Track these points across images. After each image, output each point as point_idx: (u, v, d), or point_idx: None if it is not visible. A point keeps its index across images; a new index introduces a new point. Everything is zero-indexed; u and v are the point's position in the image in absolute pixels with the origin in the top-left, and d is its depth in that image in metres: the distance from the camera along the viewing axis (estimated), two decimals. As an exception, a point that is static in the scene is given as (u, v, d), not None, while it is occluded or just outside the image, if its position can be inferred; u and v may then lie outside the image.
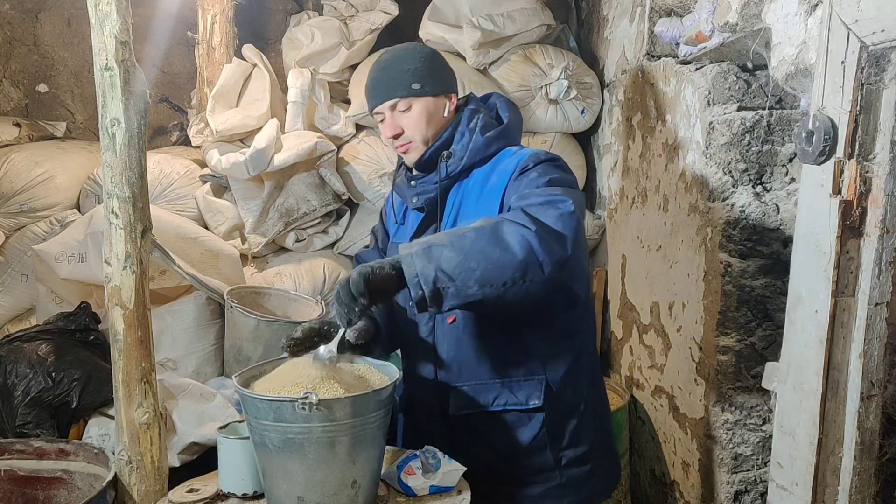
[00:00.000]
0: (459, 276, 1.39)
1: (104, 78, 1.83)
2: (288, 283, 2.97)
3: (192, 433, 2.22)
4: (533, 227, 1.41)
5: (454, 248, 1.40)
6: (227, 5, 3.27)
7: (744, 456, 2.00)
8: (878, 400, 1.44)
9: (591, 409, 1.72)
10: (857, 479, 1.45)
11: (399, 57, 1.74)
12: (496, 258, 1.39)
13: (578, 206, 1.51)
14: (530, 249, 1.40)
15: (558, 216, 1.45)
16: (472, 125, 1.72)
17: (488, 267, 1.39)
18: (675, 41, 2.33)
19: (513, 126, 1.76)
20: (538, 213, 1.46)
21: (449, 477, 1.54)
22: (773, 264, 1.94)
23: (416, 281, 1.39)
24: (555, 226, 1.44)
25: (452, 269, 1.39)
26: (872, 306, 1.41)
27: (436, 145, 1.72)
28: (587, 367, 1.73)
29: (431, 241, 1.44)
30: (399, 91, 1.70)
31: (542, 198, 1.50)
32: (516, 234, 1.41)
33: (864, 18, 1.32)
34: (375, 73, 1.75)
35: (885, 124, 1.36)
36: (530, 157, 1.63)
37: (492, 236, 1.41)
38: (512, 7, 3.12)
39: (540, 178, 1.57)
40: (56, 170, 3.08)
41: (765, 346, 1.97)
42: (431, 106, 1.71)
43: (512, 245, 1.40)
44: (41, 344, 2.41)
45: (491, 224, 1.44)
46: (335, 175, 3.06)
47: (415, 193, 1.74)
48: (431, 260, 1.40)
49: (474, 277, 1.39)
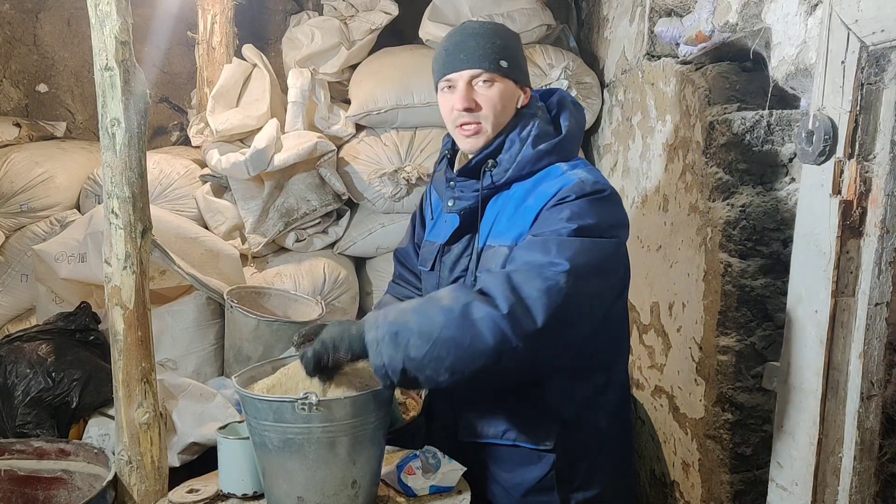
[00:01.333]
0: (429, 366, 1.33)
1: (104, 78, 1.83)
2: (288, 283, 2.97)
3: (192, 433, 2.22)
4: (505, 310, 1.32)
5: (422, 335, 1.33)
6: (227, 5, 3.27)
7: (744, 456, 2.00)
8: (878, 400, 1.44)
9: (609, 449, 1.61)
10: (857, 479, 1.45)
11: (491, 29, 1.59)
12: (466, 346, 1.32)
13: (588, 266, 1.38)
14: (502, 336, 1.31)
15: (543, 290, 1.33)
16: (524, 133, 1.56)
17: (459, 356, 1.32)
18: (675, 41, 2.33)
19: (571, 137, 1.59)
20: (522, 284, 1.35)
21: (449, 477, 1.54)
22: (773, 264, 1.94)
23: (384, 372, 1.35)
24: (534, 303, 1.33)
25: (420, 358, 1.32)
26: (872, 306, 1.41)
27: (485, 152, 1.57)
28: (610, 404, 1.61)
29: (398, 321, 1.35)
30: (486, 63, 1.53)
31: (544, 257, 1.37)
32: (487, 319, 1.32)
33: (864, 18, 1.32)
34: (460, 38, 1.57)
35: (885, 124, 1.36)
36: (574, 187, 1.47)
37: (461, 321, 1.32)
38: (512, 7, 3.12)
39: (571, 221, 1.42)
40: (56, 170, 3.08)
41: (765, 346, 1.97)
42: (510, 91, 1.56)
43: (482, 333, 1.31)
44: (41, 344, 2.41)
45: (461, 304, 1.34)
46: (335, 175, 3.06)
47: (452, 197, 1.62)
48: (398, 349, 1.33)
49: (444, 367, 1.33)
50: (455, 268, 1.63)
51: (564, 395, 1.56)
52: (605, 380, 1.60)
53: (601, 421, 1.59)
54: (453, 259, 1.64)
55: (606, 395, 1.60)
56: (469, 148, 1.60)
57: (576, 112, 1.63)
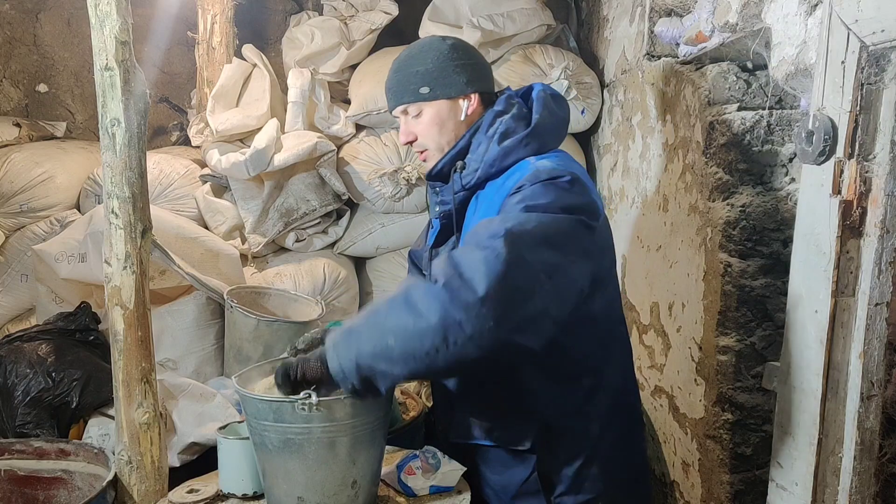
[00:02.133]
0: (381, 358, 1.28)
1: (104, 78, 1.83)
2: (288, 283, 2.97)
3: (192, 433, 2.22)
4: (441, 282, 1.26)
5: (370, 327, 1.31)
6: (227, 5, 3.27)
7: (744, 456, 2.00)
8: (878, 400, 1.44)
9: (601, 456, 1.56)
10: (857, 479, 1.45)
11: (411, 57, 1.61)
12: (411, 328, 1.26)
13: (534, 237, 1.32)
14: (442, 309, 1.25)
15: (481, 259, 1.27)
16: (491, 131, 1.55)
17: (405, 339, 1.27)
18: (675, 41, 2.33)
19: (541, 130, 1.55)
20: (460, 257, 1.30)
21: (449, 477, 1.54)
22: (773, 264, 1.94)
23: (342, 376, 1.32)
24: (472, 273, 1.25)
25: (371, 352, 1.29)
26: (872, 306, 1.41)
27: (449, 155, 1.59)
28: (602, 410, 1.56)
29: (352, 324, 1.35)
30: (407, 96, 1.59)
31: (486, 233, 1.32)
32: (425, 295, 1.27)
33: (864, 18, 1.32)
34: (389, 75, 1.64)
35: (885, 124, 1.36)
36: (529, 176, 1.45)
37: (404, 305, 1.29)
38: (512, 7, 3.11)
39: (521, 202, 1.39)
40: (56, 170, 3.08)
41: (765, 346, 1.97)
42: (445, 111, 1.58)
43: (422, 309, 1.26)
44: (41, 344, 2.41)
45: (403, 291, 1.32)
46: (335, 175, 3.06)
47: (436, 202, 1.64)
48: (350, 349, 1.31)
49: (395, 355, 1.28)
50: None
51: (549, 399, 1.53)
52: (593, 384, 1.55)
53: (591, 427, 1.55)
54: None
55: (596, 401, 1.55)
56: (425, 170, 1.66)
57: (552, 103, 1.59)
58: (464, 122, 1.59)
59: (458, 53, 1.60)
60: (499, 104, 1.59)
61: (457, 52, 1.60)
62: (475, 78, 1.60)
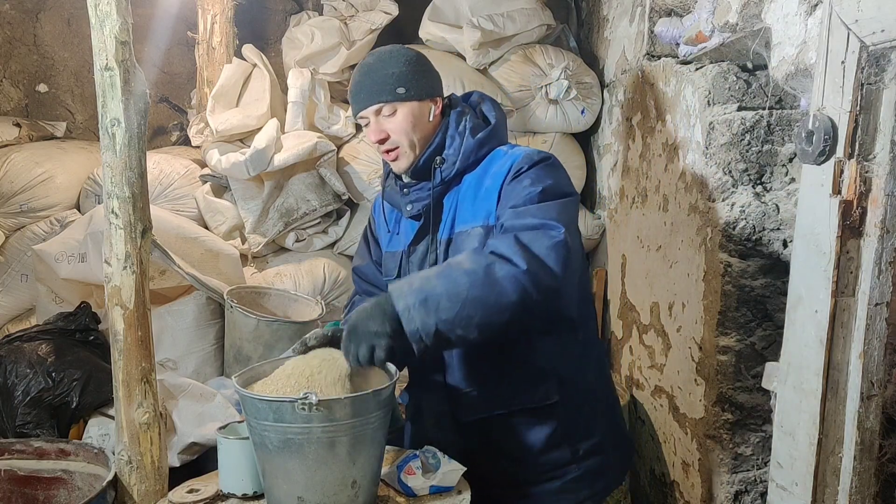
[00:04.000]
0: (460, 325, 1.41)
1: (104, 78, 1.83)
2: (288, 283, 2.97)
3: (192, 433, 2.22)
4: (524, 266, 1.43)
5: (450, 297, 1.41)
6: (227, 5, 3.27)
7: (744, 456, 2.00)
8: (878, 400, 1.44)
9: (600, 398, 1.75)
10: (857, 479, 1.45)
11: (384, 60, 1.70)
12: (492, 303, 1.42)
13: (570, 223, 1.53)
14: (524, 291, 1.42)
15: (551, 246, 1.46)
16: (461, 128, 1.70)
17: (486, 313, 1.42)
18: (675, 41, 2.33)
19: (500, 125, 1.75)
20: (531, 243, 1.46)
21: (449, 477, 1.54)
22: (773, 264, 1.94)
23: (419, 336, 1.42)
24: (547, 259, 1.45)
25: (452, 318, 1.41)
26: (872, 306, 1.41)
27: (429, 151, 1.70)
28: (594, 357, 1.76)
29: (425, 288, 1.43)
30: (383, 96, 1.67)
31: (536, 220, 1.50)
32: (509, 276, 1.42)
33: (864, 18, 1.32)
34: (359, 77, 1.72)
35: (885, 124, 1.36)
36: (524, 159, 1.62)
37: (486, 281, 1.42)
38: (512, 7, 3.12)
39: (534, 185, 1.57)
40: (56, 170, 3.08)
41: (765, 346, 1.97)
42: (416, 110, 1.68)
43: (506, 289, 1.42)
44: (41, 344, 2.41)
45: (483, 266, 1.44)
46: (335, 175, 3.06)
47: (409, 201, 1.72)
48: (430, 313, 1.41)
49: (474, 324, 1.42)
50: (423, 264, 1.71)
51: (558, 354, 1.66)
52: (584, 336, 1.72)
53: (589, 374, 1.72)
54: (420, 257, 1.73)
55: (589, 350, 1.74)
56: (398, 169, 1.73)
57: (496, 106, 1.78)
58: (431, 123, 1.71)
59: (424, 60, 1.74)
60: (458, 107, 1.74)
61: (422, 60, 1.74)
62: (438, 85, 1.75)
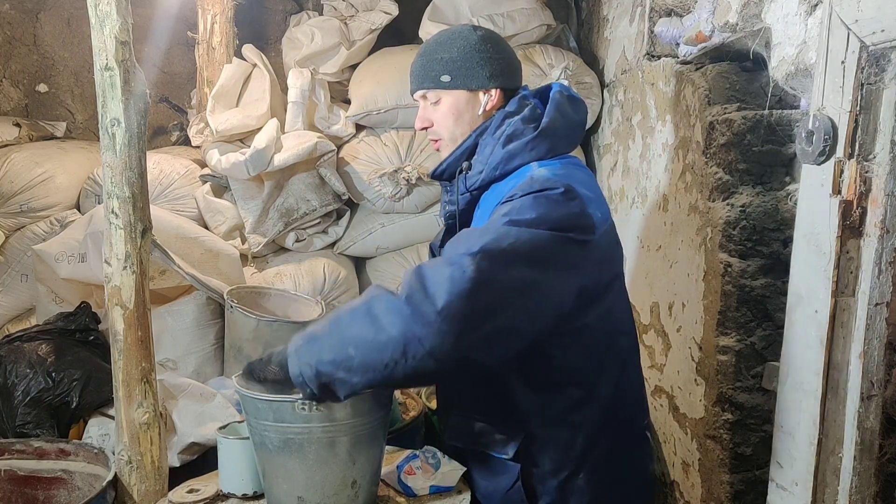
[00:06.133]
0: (340, 366, 1.29)
1: (104, 78, 1.83)
2: (288, 283, 2.97)
3: (192, 433, 2.22)
4: (404, 296, 1.27)
5: (332, 335, 1.31)
6: (227, 5, 3.27)
7: (744, 456, 2.00)
8: (878, 400, 1.44)
9: (590, 469, 1.51)
10: (857, 479, 1.45)
11: (440, 42, 1.58)
12: (371, 339, 1.27)
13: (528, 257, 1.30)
14: (402, 323, 1.25)
15: (447, 276, 1.26)
16: (498, 133, 1.52)
17: (365, 350, 1.27)
18: (675, 41, 2.33)
19: (548, 133, 1.51)
20: (428, 271, 1.29)
21: (449, 477, 1.54)
22: (773, 264, 1.94)
23: (301, 381, 1.33)
24: (434, 287, 1.25)
25: (331, 359, 1.29)
26: (872, 306, 1.41)
27: (455, 154, 1.56)
28: (589, 424, 1.51)
29: (315, 330, 1.35)
30: (427, 82, 1.57)
31: (454, 253, 1.31)
32: (387, 308, 1.27)
33: (864, 18, 1.32)
34: (415, 58, 1.62)
35: (885, 124, 1.36)
36: (522, 185, 1.42)
37: (366, 316, 1.29)
38: (512, 7, 3.12)
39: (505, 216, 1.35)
40: (56, 170, 3.08)
41: (765, 346, 1.96)
42: (463, 102, 1.55)
43: (384, 322, 1.26)
44: (41, 344, 2.41)
45: (365, 301, 1.31)
46: (335, 175, 3.06)
47: (444, 200, 1.63)
48: (311, 354, 1.31)
49: (354, 365, 1.28)
50: None
51: (532, 408, 1.50)
52: (582, 396, 1.50)
53: (577, 439, 1.50)
54: None
55: (584, 414, 1.50)
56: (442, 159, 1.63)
57: (567, 106, 1.55)
58: (481, 115, 1.56)
59: (486, 45, 1.55)
60: (511, 105, 1.55)
61: (485, 45, 1.56)
62: (499, 73, 1.56)
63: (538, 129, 1.51)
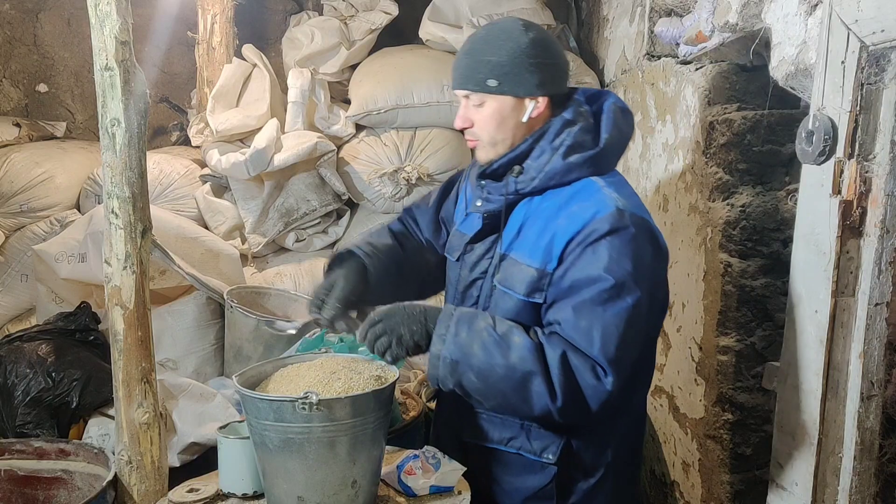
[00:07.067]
0: (473, 396, 1.46)
1: (104, 78, 1.83)
2: (288, 283, 2.97)
3: (192, 433, 2.22)
4: (559, 402, 1.38)
5: (479, 375, 1.41)
6: (227, 5, 3.27)
7: (744, 456, 2.00)
8: (878, 400, 1.44)
9: (612, 473, 1.58)
10: (857, 479, 1.45)
11: (489, 42, 1.49)
12: (512, 403, 1.43)
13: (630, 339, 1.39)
14: (549, 414, 1.41)
15: (593, 388, 1.38)
16: (557, 142, 1.47)
17: (503, 404, 1.45)
18: (675, 41, 2.33)
19: (609, 151, 1.50)
20: (578, 372, 1.38)
21: (449, 477, 1.53)
22: (773, 264, 1.94)
23: (437, 382, 1.47)
24: (585, 398, 1.39)
25: (470, 391, 1.44)
26: (872, 306, 1.41)
27: (508, 157, 1.51)
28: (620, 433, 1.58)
29: (466, 350, 1.41)
30: (472, 84, 1.49)
31: (592, 345, 1.37)
32: (541, 398, 1.39)
33: (864, 18, 1.32)
34: (461, 53, 1.53)
35: (885, 124, 1.36)
36: (602, 221, 1.40)
37: (519, 386, 1.39)
38: (512, 7, 3.12)
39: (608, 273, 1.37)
40: (56, 170, 3.08)
41: (765, 346, 1.97)
42: (508, 108, 1.48)
43: (533, 405, 1.41)
44: (41, 344, 2.41)
45: (523, 371, 1.38)
46: (335, 175, 3.06)
47: (480, 198, 1.56)
48: (454, 375, 1.43)
49: (490, 405, 1.49)
50: (475, 268, 1.59)
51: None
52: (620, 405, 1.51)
53: (608, 445, 1.57)
54: (474, 259, 1.60)
55: (617, 424, 1.56)
56: (478, 159, 1.58)
57: (621, 121, 1.53)
58: (525, 123, 1.50)
59: (536, 50, 1.48)
60: (568, 112, 1.50)
61: (535, 49, 1.48)
62: (549, 80, 1.49)
63: (599, 145, 1.49)
